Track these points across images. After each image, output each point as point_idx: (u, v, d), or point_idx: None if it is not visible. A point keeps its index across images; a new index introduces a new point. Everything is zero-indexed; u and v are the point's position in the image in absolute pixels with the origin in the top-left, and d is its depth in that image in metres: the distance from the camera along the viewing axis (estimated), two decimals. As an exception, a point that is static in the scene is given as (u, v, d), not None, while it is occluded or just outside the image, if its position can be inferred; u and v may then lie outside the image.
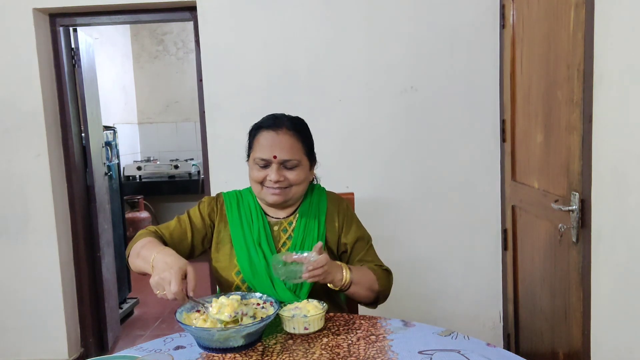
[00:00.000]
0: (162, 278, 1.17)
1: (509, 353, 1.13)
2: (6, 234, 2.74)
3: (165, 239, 1.43)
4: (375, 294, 1.43)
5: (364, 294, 1.41)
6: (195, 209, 1.51)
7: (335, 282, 1.34)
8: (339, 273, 1.34)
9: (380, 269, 1.47)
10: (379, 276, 1.44)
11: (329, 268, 1.30)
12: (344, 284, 1.34)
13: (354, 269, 1.40)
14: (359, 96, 2.57)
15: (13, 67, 2.64)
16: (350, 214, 1.54)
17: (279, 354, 1.14)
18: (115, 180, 3.59)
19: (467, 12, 2.49)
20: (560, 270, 1.78)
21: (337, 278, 1.33)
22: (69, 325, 2.81)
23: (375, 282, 1.42)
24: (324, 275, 1.28)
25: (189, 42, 5.30)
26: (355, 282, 1.37)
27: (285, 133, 1.41)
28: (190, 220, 1.48)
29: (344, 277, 1.34)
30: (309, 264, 1.26)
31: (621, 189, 1.39)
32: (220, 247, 1.47)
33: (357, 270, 1.40)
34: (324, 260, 1.27)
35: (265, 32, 2.56)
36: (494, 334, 2.63)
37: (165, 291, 1.17)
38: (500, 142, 2.51)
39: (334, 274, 1.33)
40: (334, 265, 1.34)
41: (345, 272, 1.35)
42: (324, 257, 1.28)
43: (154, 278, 1.19)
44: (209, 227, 1.49)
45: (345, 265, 1.37)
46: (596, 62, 1.48)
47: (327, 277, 1.31)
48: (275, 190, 1.40)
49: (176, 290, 1.15)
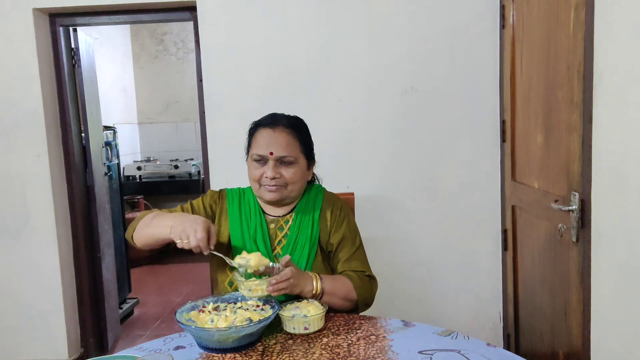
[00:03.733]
0: (188, 226, 1.26)
1: (509, 353, 1.13)
2: (6, 234, 2.74)
3: None
4: (352, 303, 1.40)
5: (339, 304, 1.38)
6: (198, 200, 1.53)
7: (304, 294, 1.32)
8: (309, 284, 1.32)
9: (360, 275, 1.43)
10: (357, 285, 1.40)
11: (296, 280, 1.28)
12: (315, 295, 1.33)
13: (328, 278, 1.37)
14: (359, 96, 2.57)
15: (13, 67, 2.64)
16: (344, 214, 1.51)
17: (279, 354, 1.14)
18: (115, 180, 3.59)
19: (467, 12, 2.49)
20: (560, 270, 1.78)
21: (306, 289, 1.32)
22: (69, 326, 2.81)
23: (352, 291, 1.39)
24: (290, 288, 1.27)
25: (189, 42, 5.30)
26: (327, 292, 1.35)
27: (283, 130, 1.43)
28: (193, 209, 1.50)
29: (314, 287, 1.33)
30: (273, 278, 1.25)
31: (621, 189, 1.39)
32: (218, 241, 1.48)
33: (331, 280, 1.38)
34: (289, 274, 1.26)
35: (265, 32, 2.56)
36: (494, 334, 2.63)
37: (190, 239, 1.24)
38: (500, 142, 2.51)
39: (303, 286, 1.31)
40: (303, 276, 1.32)
41: (316, 283, 1.33)
42: (289, 270, 1.27)
43: (178, 227, 1.27)
44: (210, 217, 1.50)
45: (316, 276, 1.35)
46: (596, 62, 1.48)
47: (294, 290, 1.29)
48: (272, 188, 1.41)
49: (202, 236, 1.24)
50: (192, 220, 1.28)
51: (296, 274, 1.29)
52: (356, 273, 1.44)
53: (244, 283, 1.26)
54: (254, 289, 1.25)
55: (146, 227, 1.40)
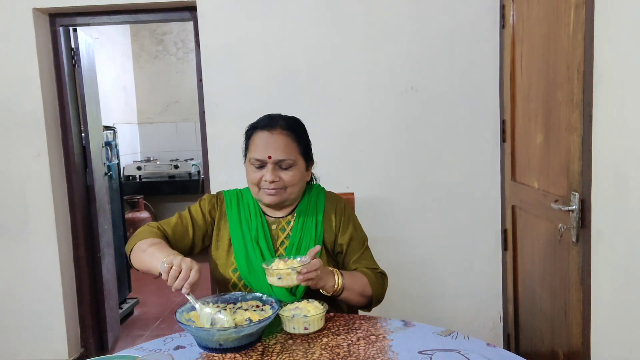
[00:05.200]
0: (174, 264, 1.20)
1: (509, 353, 1.13)
2: (6, 234, 2.74)
3: (167, 236, 1.44)
4: (367, 298, 1.43)
5: (356, 299, 1.41)
6: (196, 206, 1.52)
7: (327, 288, 1.33)
8: (331, 279, 1.34)
9: (375, 272, 1.46)
10: (372, 281, 1.42)
11: (322, 273, 1.30)
12: (336, 290, 1.34)
13: (346, 274, 1.39)
14: (359, 96, 2.57)
15: (13, 67, 2.64)
16: (348, 214, 1.52)
17: (279, 354, 1.14)
18: (115, 180, 3.59)
19: (467, 12, 2.49)
20: (560, 270, 1.78)
21: (329, 284, 1.33)
22: (69, 326, 2.81)
23: (367, 287, 1.41)
24: (317, 279, 1.28)
25: (189, 42, 5.30)
26: (347, 288, 1.36)
27: (280, 133, 1.41)
28: (192, 217, 1.49)
29: (336, 282, 1.34)
30: (303, 267, 1.25)
31: (621, 189, 1.39)
32: (219, 244, 1.48)
33: (350, 275, 1.40)
34: (318, 264, 1.27)
35: (265, 32, 2.56)
36: (494, 334, 2.63)
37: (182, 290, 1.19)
38: (500, 142, 2.51)
39: (326, 280, 1.32)
40: (326, 271, 1.34)
41: (338, 278, 1.34)
42: (318, 261, 1.28)
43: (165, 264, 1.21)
44: (209, 224, 1.50)
45: (337, 271, 1.36)
46: (596, 62, 1.48)
47: (319, 283, 1.30)
48: (271, 191, 1.41)
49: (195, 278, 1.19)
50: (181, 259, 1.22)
51: (322, 268, 1.30)
52: (370, 270, 1.46)
53: (274, 271, 1.26)
54: (283, 277, 1.25)
55: (141, 253, 1.35)
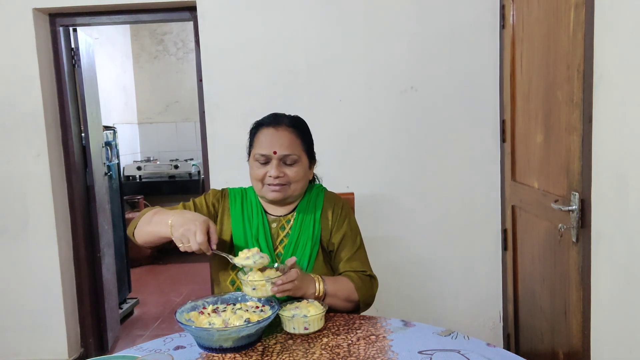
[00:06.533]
0: (186, 229, 1.25)
1: (509, 353, 1.13)
2: (6, 234, 2.74)
3: None
4: (353, 303, 1.41)
5: (341, 305, 1.39)
6: (201, 198, 1.53)
7: (307, 296, 1.32)
8: (312, 287, 1.33)
9: (361, 276, 1.44)
10: (358, 286, 1.40)
11: (300, 282, 1.29)
12: (317, 297, 1.33)
13: (330, 280, 1.38)
14: (359, 96, 2.57)
15: (13, 67, 2.64)
16: (345, 213, 1.52)
17: (279, 354, 1.14)
18: (115, 180, 3.59)
19: (467, 12, 2.49)
20: (560, 270, 1.78)
21: (309, 292, 1.32)
22: (68, 326, 2.81)
23: (353, 293, 1.39)
24: (294, 289, 1.27)
25: (189, 42, 5.30)
26: (330, 294, 1.35)
27: (285, 129, 1.43)
28: (195, 207, 1.50)
29: (317, 289, 1.33)
30: (279, 278, 1.25)
31: (621, 189, 1.39)
32: (220, 240, 1.48)
33: (333, 281, 1.38)
34: (294, 275, 1.26)
35: (265, 32, 2.56)
36: (494, 334, 2.63)
37: (190, 243, 1.24)
38: (500, 142, 2.51)
39: (306, 289, 1.32)
40: (306, 279, 1.33)
41: (319, 285, 1.33)
42: (295, 271, 1.27)
43: (178, 231, 1.26)
44: (212, 216, 1.50)
45: (319, 278, 1.35)
46: (596, 62, 1.48)
47: (297, 292, 1.29)
48: (276, 187, 1.41)
49: (202, 240, 1.24)
50: (191, 221, 1.27)
51: (300, 277, 1.29)
52: (357, 273, 1.44)
53: (248, 282, 1.25)
54: (258, 288, 1.24)
55: (147, 225, 1.40)
